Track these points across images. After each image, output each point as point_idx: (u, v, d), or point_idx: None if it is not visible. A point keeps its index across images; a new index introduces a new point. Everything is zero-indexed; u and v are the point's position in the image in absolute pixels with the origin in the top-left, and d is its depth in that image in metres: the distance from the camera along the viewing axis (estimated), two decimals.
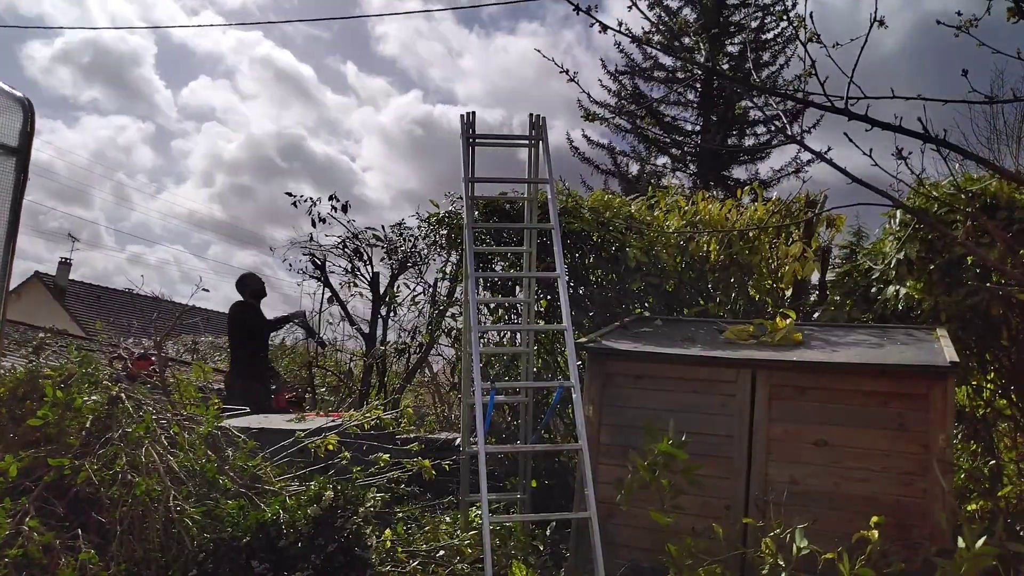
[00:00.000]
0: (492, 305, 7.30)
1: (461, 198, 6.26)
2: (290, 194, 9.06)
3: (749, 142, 22.31)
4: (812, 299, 7.00)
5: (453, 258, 7.76)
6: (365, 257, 8.84)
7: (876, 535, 3.44)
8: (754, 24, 21.75)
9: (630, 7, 4.48)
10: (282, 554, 3.77)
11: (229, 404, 6.05)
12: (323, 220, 8.72)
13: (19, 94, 4.22)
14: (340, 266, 9.00)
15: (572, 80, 4.80)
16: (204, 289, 4.95)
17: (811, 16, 3.99)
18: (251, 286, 8.09)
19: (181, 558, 3.70)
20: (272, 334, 8.57)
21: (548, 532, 5.25)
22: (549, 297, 6.97)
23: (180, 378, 5.22)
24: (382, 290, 8.76)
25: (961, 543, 3.10)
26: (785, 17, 4.21)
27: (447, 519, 5.27)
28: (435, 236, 7.87)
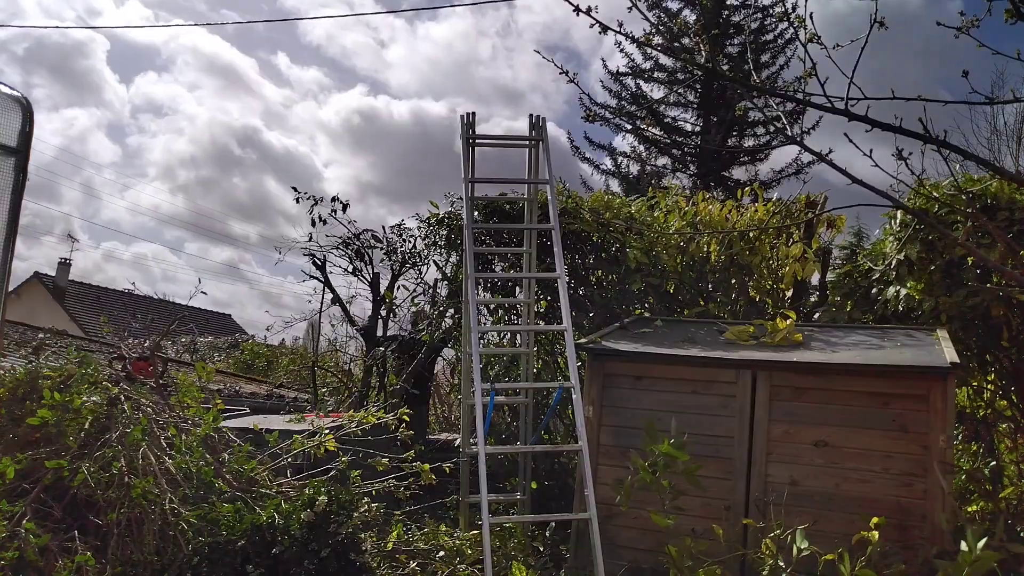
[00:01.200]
0: (492, 306, 7.29)
1: (461, 199, 6.25)
2: (295, 188, 8.99)
3: (749, 143, 22.31)
4: (812, 300, 6.99)
5: (453, 259, 7.74)
6: (366, 258, 8.81)
7: (876, 536, 3.43)
8: (754, 25, 21.74)
9: (630, 8, 4.47)
10: (277, 559, 3.76)
11: None
12: (323, 221, 8.67)
13: (17, 94, 4.20)
14: (340, 266, 8.97)
15: (572, 81, 4.79)
16: (203, 292, 4.94)
17: (811, 17, 3.98)
18: None
19: (176, 561, 3.69)
20: (271, 333, 8.56)
21: (548, 533, 5.24)
22: (549, 298, 6.97)
23: (181, 379, 5.21)
24: (382, 291, 8.73)
25: (964, 546, 3.09)
26: (785, 18, 4.20)
27: (447, 520, 5.26)
28: (435, 237, 7.85)
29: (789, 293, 6.94)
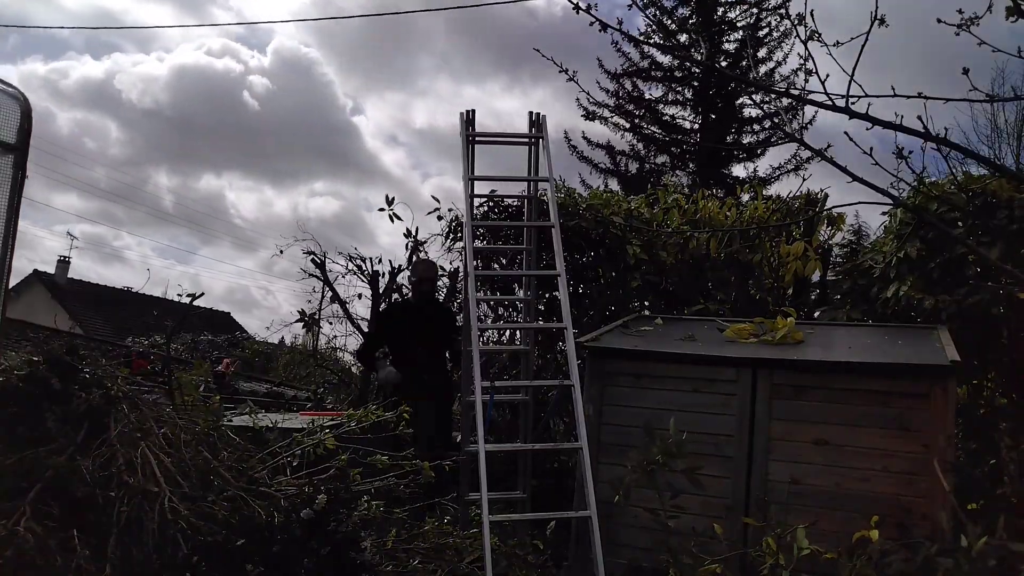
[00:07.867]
0: (492, 303, 7.29)
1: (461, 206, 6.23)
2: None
3: (748, 140, 22.29)
4: (813, 298, 6.99)
5: (452, 257, 7.74)
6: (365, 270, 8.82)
7: (877, 534, 3.43)
8: (749, 21, 21.71)
9: (630, 6, 4.45)
10: (276, 557, 3.75)
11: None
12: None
13: (13, 90, 4.19)
14: (339, 264, 8.98)
15: (571, 79, 4.77)
16: (200, 293, 4.98)
17: (812, 14, 3.97)
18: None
19: (176, 560, 3.68)
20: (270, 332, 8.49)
21: (548, 532, 5.24)
22: (548, 296, 6.96)
23: (180, 377, 5.20)
24: (381, 289, 8.73)
25: (963, 542, 3.09)
26: (784, 15, 4.19)
27: (447, 518, 5.26)
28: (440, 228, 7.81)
29: (790, 291, 6.94)
